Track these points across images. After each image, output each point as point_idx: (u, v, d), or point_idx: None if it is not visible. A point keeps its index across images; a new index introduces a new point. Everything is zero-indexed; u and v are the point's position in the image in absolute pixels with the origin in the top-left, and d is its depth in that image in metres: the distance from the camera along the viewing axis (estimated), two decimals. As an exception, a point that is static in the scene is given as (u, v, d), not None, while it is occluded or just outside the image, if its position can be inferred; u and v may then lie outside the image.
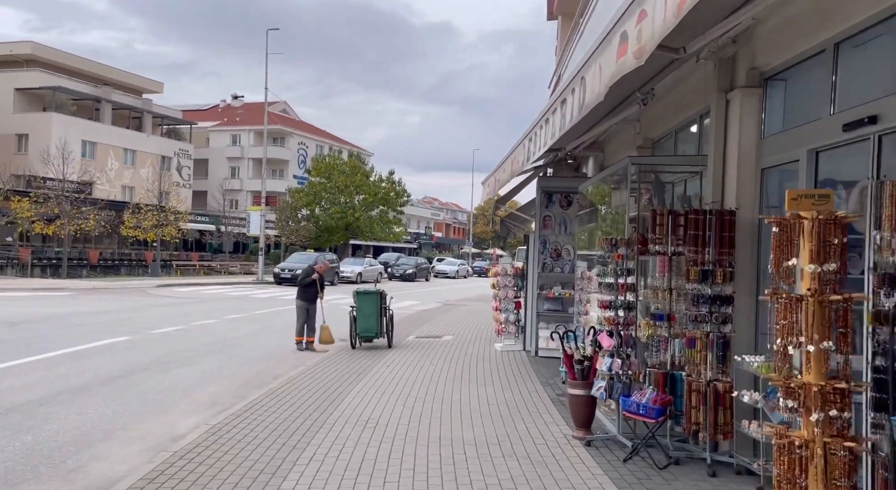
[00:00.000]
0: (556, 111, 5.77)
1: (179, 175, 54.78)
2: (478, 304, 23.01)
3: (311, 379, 8.61)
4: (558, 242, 11.24)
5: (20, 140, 43.72)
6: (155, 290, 24.06)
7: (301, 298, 12.17)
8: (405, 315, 18.25)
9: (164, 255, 42.09)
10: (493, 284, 11.68)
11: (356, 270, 34.89)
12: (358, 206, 47.88)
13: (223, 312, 17.11)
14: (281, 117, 65.87)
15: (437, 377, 8.85)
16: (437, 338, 13.32)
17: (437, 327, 15.20)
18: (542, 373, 9.29)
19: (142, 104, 52.22)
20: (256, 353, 11.26)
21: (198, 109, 69.31)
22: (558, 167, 11.62)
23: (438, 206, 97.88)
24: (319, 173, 48.08)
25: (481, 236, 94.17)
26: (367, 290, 11.69)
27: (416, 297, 26.95)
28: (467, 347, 11.85)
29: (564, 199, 11.24)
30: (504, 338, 11.44)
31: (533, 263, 11.10)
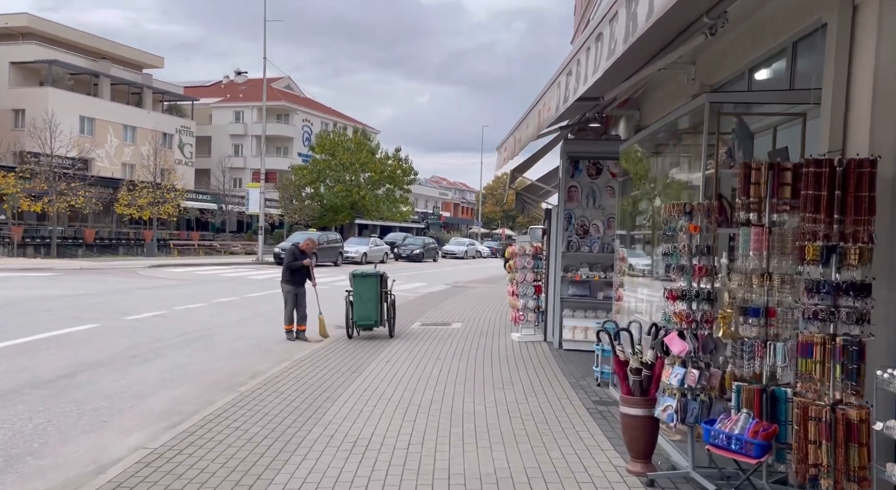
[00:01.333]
0: (590, 50, 4.22)
1: (181, 152, 53.43)
2: (489, 287, 21.54)
3: (295, 379, 7.17)
4: (585, 217, 9.68)
5: (17, 115, 42.40)
6: (146, 271, 22.72)
7: (287, 281, 10.72)
8: (410, 299, 16.81)
9: (164, 235, 40.92)
10: (510, 266, 10.17)
11: (361, 250, 33.48)
12: (363, 184, 46.30)
13: (212, 295, 15.73)
14: (285, 94, 64.12)
15: (444, 377, 7.39)
16: (446, 326, 11.86)
17: (445, 313, 13.74)
18: (570, 371, 7.81)
19: (142, 79, 50.71)
20: (239, 345, 9.84)
21: (200, 85, 67.63)
22: (582, 134, 10.03)
23: (446, 185, 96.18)
24: (323, 150, 46.45)
25: (490, 216, 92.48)
26: (366, 273, 10.21)
27: (423, 278, 25.52)
28: (479, 338, 10.39)
29: (593, 167, 9.65)
30: (522, 327, 9.96)
31: (556, 242, 9.56)
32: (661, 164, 6.40)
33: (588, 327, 8.96)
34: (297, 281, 10.72)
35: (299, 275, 10.74)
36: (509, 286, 10.22)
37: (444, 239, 58.57)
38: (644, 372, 4.22)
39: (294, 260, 10.75)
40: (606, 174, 9.63)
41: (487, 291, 19.45)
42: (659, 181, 6.46)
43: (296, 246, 11.05)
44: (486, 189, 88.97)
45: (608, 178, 9.62)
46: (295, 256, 10.80)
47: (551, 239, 9.85)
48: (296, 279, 10.72)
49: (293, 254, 10.85)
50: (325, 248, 30.20)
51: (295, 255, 10.81)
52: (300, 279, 10.74)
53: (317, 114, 63.75)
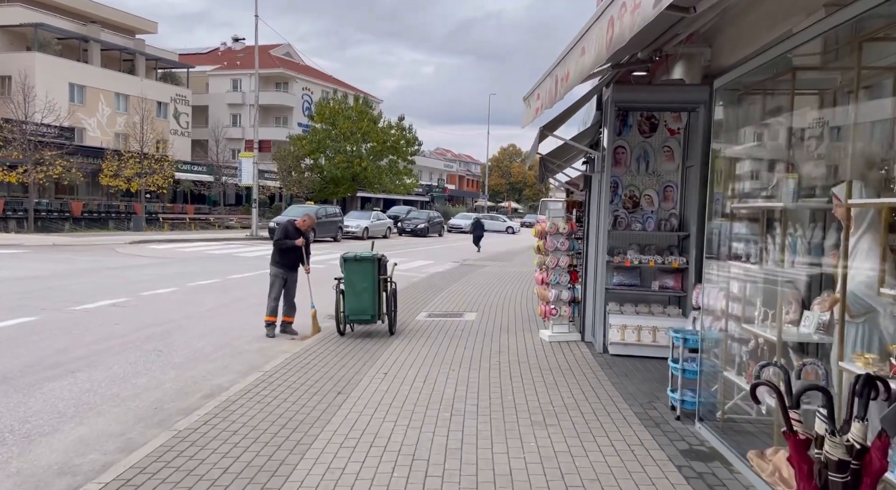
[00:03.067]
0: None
1: (177, 122, 51.37)
2: (501, 265, 19.62)
3: (259, 405, 5.28)
4: (636, 186, 7.67)
5: (3, 82, 40.29)
6: (126, 248, 20.84)
7: (277, 264, 8.83)
8: (415, 280, 14.90)
9: (157, 208, 39.06)
10: (538, 247, 8.18)
11: (362, 225, 31.53)
12: (365, 154, 44.09)
13: (191, 277, 13.85)
14: (284, 61, 61.58)
15: (461, 400, 5.50)
16: (457, 317, 9.95)
17: (456, 298, 11.84)
18: (628, 390, 5.90)
19: (134, 45, 48.39)
20: (203, 344, 7.96)
21: (196, 53, 65.11)
22: (618, 89, 7.95)
23: (451, 157, 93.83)
24: (323, 119, 44.16)
25: (496, 189, 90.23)
26: (360, 256, 8.26)
27: (429, 255, 23.60)
28: (500, 335, 8.48)
29: (646, 122, 7.61)
30: (553, 323, 8.02)
31: (599, 217, 7.56)
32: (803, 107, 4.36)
33: (641, 326, 7.02)
34: (287, 263, 8.82)
35: (290, 256, 8.83)
36: (537, 272, 8.26)
37: (449, 212, 56.52)
38: (852, 464, 2.28)
39: (285, 237, 8.81)
40: (663, 131, 7.58)
41: (501, 271, 17.53)
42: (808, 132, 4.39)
43: (290, 222, 9.10)
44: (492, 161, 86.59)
45: (665, 137, 7.58)
46: (287, 233, 8.86)
47: (591, 214, 7.85)
48: (286, 261, 8.83)
49: (285, 230, 8.91)
50: (324, 223, 28.29)
51: (287, 233, 8.87)
52: (292, 262, 8.84)
53: (318, 82, 61.24)
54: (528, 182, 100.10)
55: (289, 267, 8.85)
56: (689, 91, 6.87)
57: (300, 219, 9.10)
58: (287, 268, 8.85)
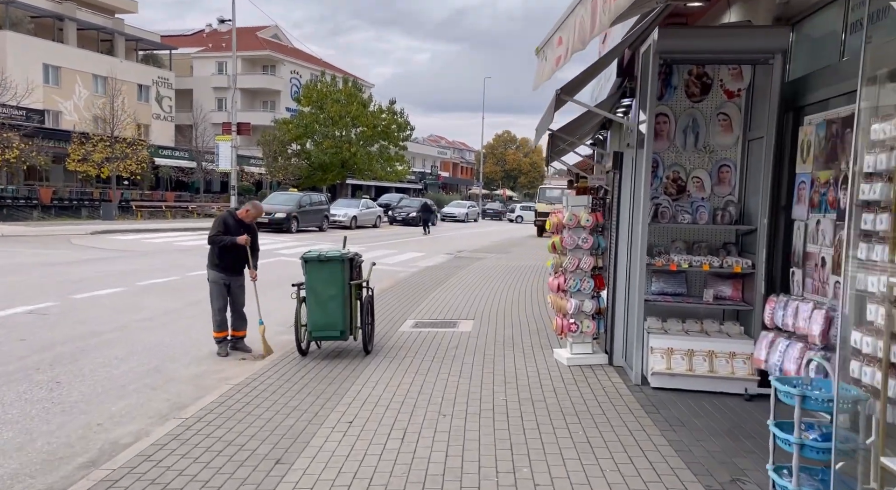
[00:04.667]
0: None
1: (159, 106, 49.29)
2: (498, 258, 17.88)
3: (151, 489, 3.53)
4: (681, 166, 5.91)
5: (-28, 63, 38.10)
6: (84, 239, 18.93)
7: (216, 267, 7.07)
8: (403, 276, 13.14)
9: (135, 195, 37.07)
10: (553, 244, 6.39)
11: (350, 214, 29.69)
12: (355, 139, 42.09)
13: (144, 275, 12.03)
14: (271, 43, 59.29)
15: (455, 476, 3.76)
16: (450, 326, 8.21)
17: (449, 301, 10.09)
18: (694, 455, 4.16)
19: (113, 24, 46.11)
20: (121, 371, 6.19)
21: (180, 35, 62.64)
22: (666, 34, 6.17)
23: (445, 144, 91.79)
24: (310, 102, 42.07)
25: (490, 176, 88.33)
26: (325, 255, 6.47)
27: (421, 246, 21.83)
28: (504, 354, 6.74)
29: (696, 82, 5.83)
30: (573, 341, 6.27)
31: (635, 206, 5.80)
32: None
33: (693, 351, 5.29)
34: (228, 266, 7.05)
35: (231, 257, 7.05)
36: (552, 277, 6.49)
37: (443, 201, 54.74)
38: None
39: (223, 232, 7.02)
40: (718, 94, 5.81)
41: (499, 265, 15.79)
42: None
43: (231, 214, 7.29)
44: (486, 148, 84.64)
45: (720, 101, 5.81)
46: (226, 228, 7.06)
47: (622, 202, 6.08)
48: (227, 263, 7.04)
49: (223, 224, 7.11)
50: (308, 211, 26.46)
51: (226, 227, 7.07)
52: (234, 264, 7.06)
53: (307, 65, 58.92)
54: (524, 169, 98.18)
55: (230, 270, 7.06)
56: (763, 36, 5.10)
57: (243, 209, 7.28)
58: (228, 271, 7.05)
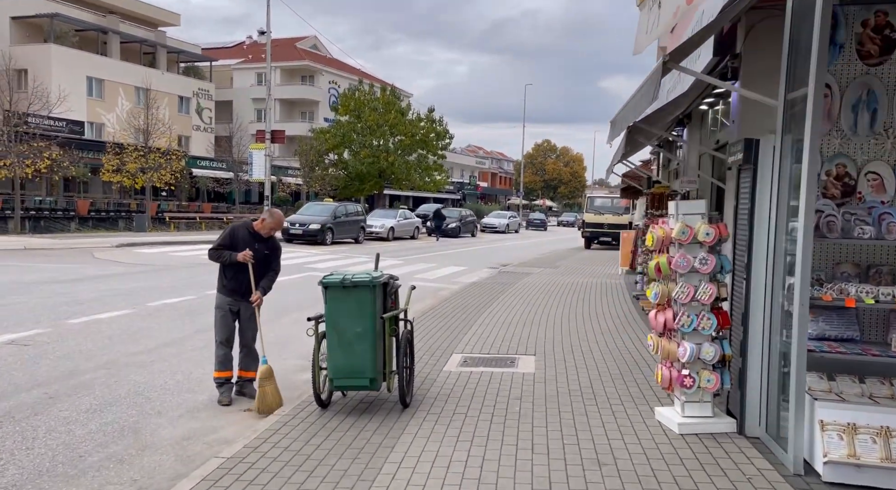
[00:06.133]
0: None
1: (199, 117, 49.33)
2: (547, 273, 16.15)
3: None
4: (848, 157, 4.18)
5: (19, 75, 38.45)
6: (108, 252, 17.94)
7: (224, 289, 5.70)
8: (444, 295, 11.56)
9: (171, 207, 36.63)
10: (657, 266, 4.66)
11: (387, 225, 28.33)
12: (392, 149, 40.88)
13: (159, 293, 10.75)
14: (310, 53, 59.06)
15: None
16: (508, 366, 6.58)
17: (501, 327, 8.46)
18: None
19: (155, 37, 46.36)
20: (87, 430, 4.76)
21: (221, 47, 63.03)
22: None
23: (483, 154, 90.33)
24: (348, 111, 41.10)
25: (529, 186, 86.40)
26: (351, 280, 4.94)
27: (462, 259, 20.25)
28: (588, 411, 5.08)
29: (873, 37, 4.11)
30: (686, 399, 4.56)
31: (782, 214, 4.10)
32: None
33: (891, 430, 3.55)
34: (238, 289, 5.64)
35: (243, 278, 5.62)
36: (654, 311, 4.79)
37: (482, 211, 53.18)
38: None
39: (226, 246, 5.62)
40: (904, 55, 4.07)
41: (551, 281, 14.07)
42: None
43: (245, 225, 5.87)
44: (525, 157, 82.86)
45: (906, 66, 4.07)
46: (233, 239, 5.66)
47: (760, 207, 4.37)
48: (237, 285, 5.64)
49: (231, 236, 5.71)
50: (344, 223, 25.20)
51: (234, 239, 5.67)
52: (246, 286, 5.63)
53: (345, 75, 58.34)
54: (564, 179, 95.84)
55: (240, 293, 5.63)
56: None
57: (259, 219, 5.83)
58: (237, 295, 5.63)
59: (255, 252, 5.60)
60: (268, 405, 5.31)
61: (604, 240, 27.29)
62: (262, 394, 5.34)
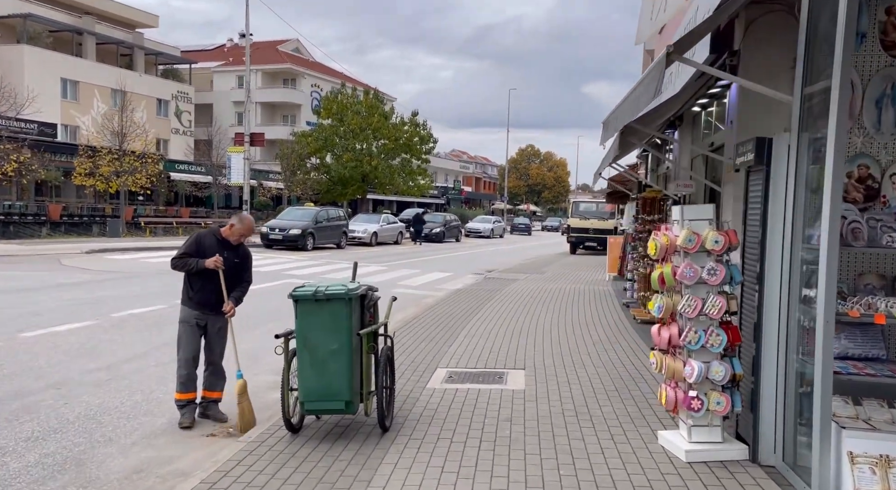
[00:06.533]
0: None
1: (178, 121, 48.47)
2: (534, 279, 15.76)
3: None
4: (871, 157, 3.81)
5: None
6: (76, 259, 17.22)
7: (190, 302, 5.19)
8: (429, 302, 11.10)
9: (148, 211, 35.76)
10: (661, 276, 4.24)
11: (370, 230, 27.80)
12: (376, 153, 40.38)
13: (126, 302, 10.16)
14: (292, 56, 58.40)
15: None
16: (496, 382, 6.14)
17: (488, 338, 8.02)
18: None
19: (132, 39, 45.48)
20: (20, 469, 4.23)
21: (201, 50, 62.14)
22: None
23: (467, 159, 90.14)
24: (330, 114, 40.53)
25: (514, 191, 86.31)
26: (324, 293, 4.46)
27: (445, 265, 19.80)
28: (584, 435, 4.65)
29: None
30: (693, 423, 4.15)
31: (798, 219, 3.71)
32: None
33: (925, 462, 3.15)
34: (206, 301, 5.15)
35: (211, 289, 5.13)
36: (657, 327, 4.38)
37: (466, 215, 52.87)
38: None
39: (191, 254, 5.13)
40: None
41: (537, 288, 13.68)
42: None
43: (212, 231, 5.37)
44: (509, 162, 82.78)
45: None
46: (198, 247, 5.16)
47: (774, 213, 3.98)
48: (204, 297, 5.16)
49: (197, 243, 5.21)
50: (326, 227, 24.65)
51: (199, 246, 5.17)
52: (212, 297, 5.14)
53: (328, 79, 57.77)
54: (548, 183, 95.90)
55: (208, 306, 5.14)
56: None
57: (227, 224, 5.34)
58: (205, 307, 5.14)
59: (225, 261, 5.12)
60: (247, 422, 4.95)
61: (589, 245, 27.02)
62: (240, 411, 4.96)
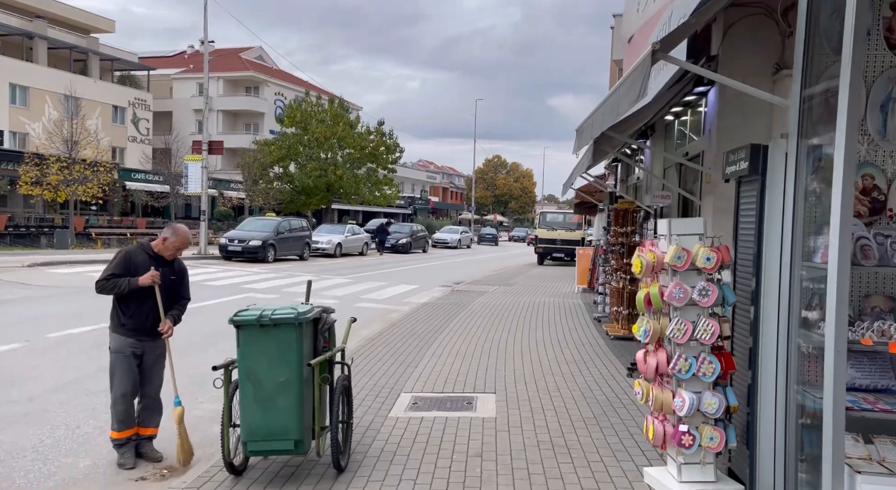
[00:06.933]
0: None
1: (136, 128, 46.94)
2: (502, 291, 15.36)
3: None
4: (876, 166, 3.47)
5: (-68, 82, 35.74)
6: (17, 273, 16.15)
7: (121, 328, 4.58)
8: (396, 318, 10.58)
9: (102, 221, 34.35)
10: (648, 297, 3.84)
11: (334, 240, 27.09)
12: (341, 162, 39.68)
13: (60, 322, 9.37)
14: (255, 64, 57.38)
15: None
16: (465, 408, 5.66)
17: (456, 358, 7.53)
18: None
19: (87, 44, 43.97)
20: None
21: (160, 56, 60.61)
22: None
23: (434, 169, 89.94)
24: (294, 123, 39.73)
25: (481, 201, 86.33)
26: (270, 317, 3.93)
27: (412, 277, 19.28)
28: (563, 473, 4.20)
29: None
30: (684, 460, 3.74)
31: (797, 233, 3.35)
32: None
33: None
34: (142, 326, 4.55)
35: (147, 311, 4.53)
36: (643, 353, 3.96)
37: (433, 226, 52.46)
38: None
39: (121, 272, 4.53)
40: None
41: (504, 301, 13.27)
42: None
43: (142, 246, 4.77)
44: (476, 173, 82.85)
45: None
46: (127, 266, 4.55)
47: (770, 228, 3.60)
48: (136, 321, 4.56)
49: (125, 261, 4.60)
50: (288, 238, 23.88)
51: (128, 265, 4.56)
52: (146, 321, 4.56)
53: (292, 87, 56.86)
54: (514, 194, 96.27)
55: (144, 331, 4.55)
56: None
57: (159, 238, 4.76)
58: (141, 333, 4.54)
59: (160, 279, 4.55)
60: (187, 453, 4.43)
61: (557, 256, 26.85)
62: (179, 442, 4.39)
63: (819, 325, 3.31)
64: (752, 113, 5.84)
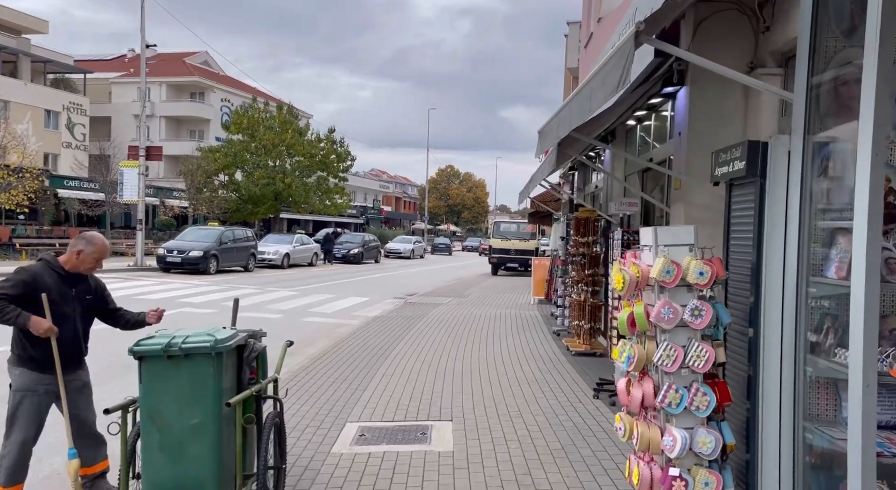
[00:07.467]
0: None
1: (71, 134, 44.53)
2: (456, 303, 14.78)
3: None
4: (893, 168, 3.03)
5: None
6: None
7: (32, 364, 3.70)
8: (343, 333, 9.83)
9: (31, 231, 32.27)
10: (631, 318, 3.32)
11: (282, 251, 26.01)
12: (290, 170, 38.51)
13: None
14: (200, 69, 55.53)
15: None
16: (418, 440, 5.01)
17: (409, 379, 6.88)
18: None
19: (17, 44, 41.55)
20: None
21: (98, 59, 58.06)
22: None
23: (387, 179, 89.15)
24: (241, 130, 38.38)
25: (434, 211, 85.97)
26: (181, 346, 3.21)
27: (363, 288, 18.50)
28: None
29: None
30: (672, 508, 3.20)
31: (806, 246, 2.88)
32: None
33: None
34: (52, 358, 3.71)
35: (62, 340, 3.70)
36: (625, 381, 3.42)
37: (386, 236, 51.65)
38: None
39: (15, 297, 3.66)
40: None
41: (458, 313, 12.69)
42: None
43: (47, 263, 3.91)
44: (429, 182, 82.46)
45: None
46: (25, 287, 3.69)
47: (773, 238, 3.13)
48: (49, 354, 3.70)
49: (26, 282, 3.72)
50: (231, 249, 22.74)
51: (27, 286, 3.69)
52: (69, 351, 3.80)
53: (239, 93, 55.24)
54: (467, 204, 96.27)
55: (64, 364, 3.72)
56: None
57: (69, 251, 3.94)
58: (53, 368, 3.69)
59: (75, 301, 3.78)
60: None
61: (511, 266, 26.49)
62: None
63: (835, 351, 2.84)
64: (730, 113, 5.46)
